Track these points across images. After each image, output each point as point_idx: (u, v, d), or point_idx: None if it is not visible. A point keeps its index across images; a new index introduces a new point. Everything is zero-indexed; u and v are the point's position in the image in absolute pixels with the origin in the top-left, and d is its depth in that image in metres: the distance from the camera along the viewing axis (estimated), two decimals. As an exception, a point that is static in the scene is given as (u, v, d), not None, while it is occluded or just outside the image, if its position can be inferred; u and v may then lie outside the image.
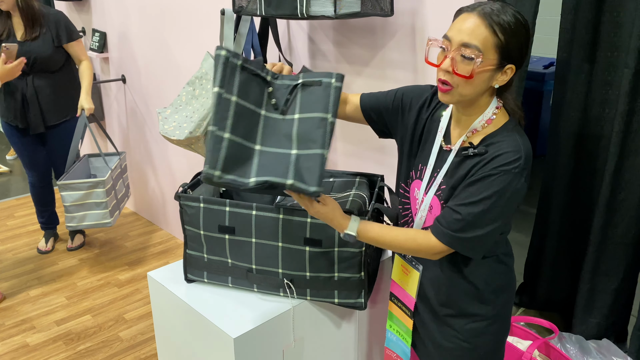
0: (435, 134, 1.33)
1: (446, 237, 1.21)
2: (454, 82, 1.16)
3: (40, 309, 2.83)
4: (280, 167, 1.16)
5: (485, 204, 1.16)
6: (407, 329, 1.45)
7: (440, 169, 1.29)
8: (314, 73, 1.22)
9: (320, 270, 1.46)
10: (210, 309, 1.48)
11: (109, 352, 2.51)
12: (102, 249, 3.46)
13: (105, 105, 3.92)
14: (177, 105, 2.32)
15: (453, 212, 1.20)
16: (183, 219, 1.55)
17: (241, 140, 1.17)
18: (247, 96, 1.18)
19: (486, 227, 1.18)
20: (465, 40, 1.13)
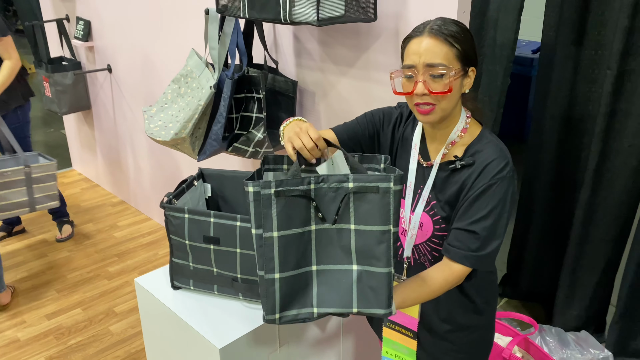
0: (409, 151, 1.35)
1: (469, 259, 1.21)
2: (434, 100, 1.19)
3: (30, 302, 2.86)
4: (341, 290, 1.12)
5: (494, 215, 1.19)
6: (411, 351, 1.44)
7: (424, 185, 1.30)
8: (364, 174, 1.09)
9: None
10: (196, 318, 1.51)
11: (100, 346, 2.55)
12: (92, 240, 3.47)
13: (91, 94, 3.89)
14: (162, 104, 2.32)
15: (468, 233, 1.20)
16: (168, 229, 1.56)
17: (294, 272, 1.11)
18: (291, 222, 1.09)
19: (498, 237, 1.21)
20: (429, 61, 1.16)
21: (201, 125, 2.16)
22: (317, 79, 2.22)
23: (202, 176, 1.76)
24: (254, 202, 1.07)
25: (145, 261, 3.24)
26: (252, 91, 2.17)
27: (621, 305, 2.30)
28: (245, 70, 2.16)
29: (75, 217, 3.76)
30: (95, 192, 4.14)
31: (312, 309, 1.13)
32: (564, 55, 2.26)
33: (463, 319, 1.36)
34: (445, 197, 1.26)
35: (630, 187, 2.18)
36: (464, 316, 1.36)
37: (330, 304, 1.13)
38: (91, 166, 4.29)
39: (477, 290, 1.34)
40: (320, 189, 1.09)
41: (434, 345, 1.41)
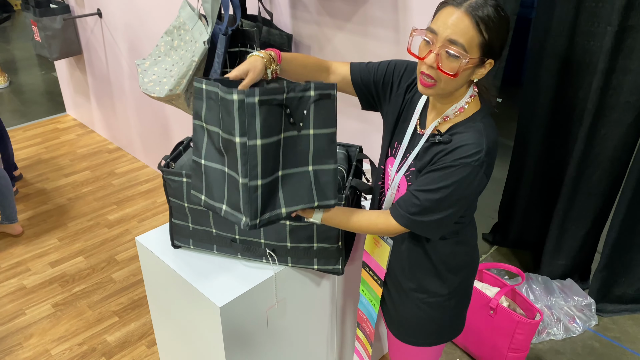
0: (412, 114, 1.36)
1: (403, 219, 1.27)
2: (437, 77, 1.18)
3: (33, 250, 2.93)
4: (303, 189, 1.23)
5: (442, 193, 1.21)
6: (377, 296, 1.55)
7: (412, 151, 1.33)
8: (319, 82, 1.19)
9: (301, 241, 1.54)
10: (197, 277, 1.57)
11: (104, 293, 2.64)
12: (90, 188, 3.51)
13: (82, 39, 3.80)
14: (155, 57, 2.29)
15: (412, 197, 1.25)
16: (167, 191, 1.59)
17: (271, 178, 1.18)
18: (271, 130, 1.14)
19: (442, 212, 1.24)
20: (451, 37, 1.13)
21: (196, 81, 2.14)
22: (313, 33, 2.18)
23: None
24: (238, 111, 1.10)
25: (144, 209, 3.30)
26: (246, 45, 2.14)
27: (605, 256, 2.38)
28: (239, 23, 2.12)
29: (72, 164, 3.78)
30: (91, 139, 4.14)
31: (280, 210, 1.22)
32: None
33: (423, 281, 1.42)
34: (418, 166, 1.29)
35: (623, 143, 2.20)
36: (424, 279, 1.42)
37: (295, 203, 1.23)
38: (85, 112, 4.26)
39: (442, 258, 1.39)
40: (290, 97, 1.16)
41: (399, 297, 1.48)
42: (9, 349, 2.33)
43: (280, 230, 1.53)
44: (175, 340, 1.84)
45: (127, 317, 2.50)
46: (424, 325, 1.47)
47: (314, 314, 1.80)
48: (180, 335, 1.78)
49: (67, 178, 3.62)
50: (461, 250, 1.41)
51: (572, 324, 2.38)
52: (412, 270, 1.42)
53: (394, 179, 1.38)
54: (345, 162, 1.64)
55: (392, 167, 1.39)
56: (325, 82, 1.22)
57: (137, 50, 3.30)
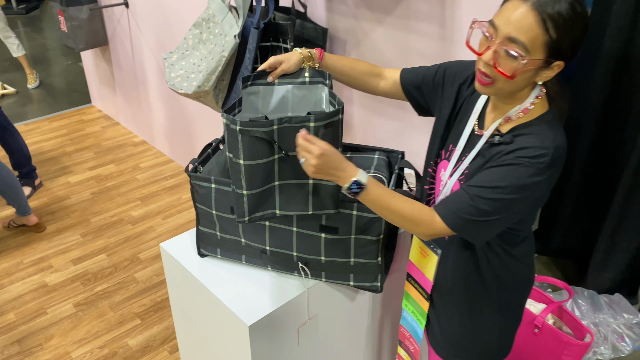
0: (470, 115, 1.25)
1: (450, 217, 1.12)
2: (494, 76, 1.07)
3: (56, 247, 2.87)
4: (300, 198, 1.27)
5: (498, 192, 1.07)
6: (423, 311, 1.43)
7: (469, 154, 1.21)
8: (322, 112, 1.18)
9: (336, 255, 1.42)
10: (225, 290, 1.46)
11: (126, 294, 2.56)
12: (114, 182, 3.44)
13: (108, 30, 3.73)
14: (183, 50, 2.18)
15: (463, 193, 1.11)
16: (194, 197, 1.49)
17: (259, 190, 1.24)
18: (256, 155, 1.19)
19: (494, 214, 1.09)
20: (512, 34, 1.01)
21: (225, 77, 2.03)
22: (350, 27, 2.05)
23: None
24: (226, 131, 1.19)
25: (169, 206, 3.22)
26: (278, 40, 2.01)
27: (660, 271, 2.21)
28: (272, 16, 2.00)
29: (97, 157, 3.72)
30: (116, 131, 4.08)
31: (274, 210, 1.29)
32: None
33: (470, 297, 1.29)
34: (473, 169, 1.18)
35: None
36: (471, 294, 1.29)
37: (290, 208, 1.29)
38: (111, 103, 4.20)
39: (493, 272, 1.26)
40: (283, 128, 1.18)
41: (445, 314, 1.36)
42: (29, 350, 2.26)
43: (314, 243, 1.41)
44: (199, 351, 1.74)
45: (150, 319, 2.42)
46: (470, 345, 1.36)
47: (348, 331, 1.68)
48: (204, 346, 1.68)
49: (91, 171, 3.56)
50: (516, 267, 1.28)
51: (621, 343, 2.22)
52: (461, 285, 1.30)
53: (446, 183, 1.26)
54: (385, 169, 1.51)
55: (445, 171, 1.28)
56: (328, 112, 1.18)
57: (163, 42, 3.20)
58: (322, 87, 1.37)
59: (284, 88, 1.38)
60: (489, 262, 1.25)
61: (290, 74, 1.36)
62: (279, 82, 1.36)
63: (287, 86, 1.37)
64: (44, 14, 7.02)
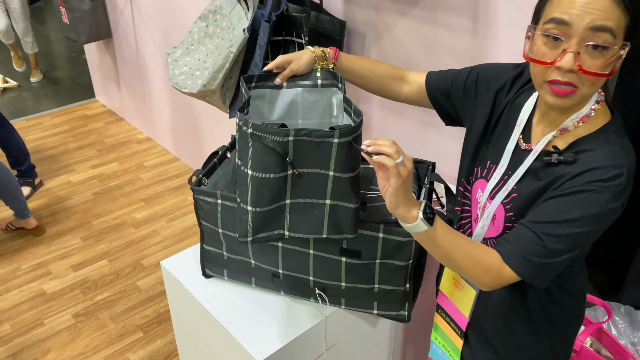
0: (513, 127, 1.06)
1: (525, 265, 0.93)
2: (579, 82, 0.88)
3: (55, 251, 2.73)
4: (313, 220, 1.10)
5: (569, 227, 0.90)
6: (456, 348, 1.26)
7: (514, 172, 1.03)
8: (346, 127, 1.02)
9: (358, 281, 1.26)
10: (232, 319, 1.30)
11: (128, 303, 2.42)
12: (117, 182, 3.29)
13: (111, 21, 3.56)
14: (188, 45, 2.01)
15: (528, 232, 0.94)
16: (198, 214, 1.32)
17: (268, 208, 1.08)
18: (266, 168, 1.03)
19: (564, 254, 0.92)
20: (597, 23, 0.83)
21: (233, 75, 1.86)
22: (370, 19, 1.87)
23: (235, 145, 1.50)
24: (238, 133, 1.05)
25: (174, 207, 3.06)
26: (291, 34, 1.84)
27: None
28: (285, 8, 1.82)
29: (100, 155, 3.57)
30: (120, 127, 3.92)
31: (283, 231, 1.12)
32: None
33: (515, 334, 1.12)
34: (526, 193, 0.99)
35: None
36: (518, 334, 1.12)
37: (301, 231, 1.12)
38: (115, 98, 4.04)
39: (542, 308, 1.09)
40: (301, 141, 1.01)
41: (482, 353, 1.19)
42: (24, 366, 2.13)
43: (333, 268, 1.25)
44: (205, 379, 1.58)
45: (153, 332, 2.27)
46: None
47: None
48: (210, 375, 1.53)
49: (93, 170, 3.41)
50: (568, 301, 1.11)
51: (662, 365, 2.04)
52: (503, 323, 1.13)
53: (485, 206, 1.08)
54: (414, 183, 1.33)
55: (482, 192, 1.10)
56: (351, 125, 1.02)
57: (169, 35, 3.03)
58: (335, 90, 1.21)
59: (293, 91, 1.22)
60: (539, 299, 1.08)
61: (299, 75, 1.20)
62: (287, 84, 1.20)
63: (296, 89, 1.21)
64: (49, 5, 6.86)
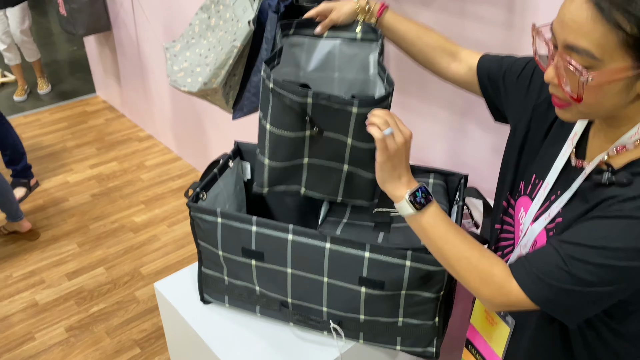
0: (563, 138, 0.89)
1: (532, 281, 0.79)
2: (565, 99, 0.76)
3: (50, 257, 2.57)
4: (330, 182, 1.08)
5: (605, 257, 0.73)
6: None
7: (563, 192, 0.86)
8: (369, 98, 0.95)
9: (380, 314, 1.08)
10: (232, 352, 1.13)
11: (125, 315, 2.26)
12: (116, 182, 3.13)
13: (111, 13, 3.39)
14: (188, 38, 1.84)
15: (552, 251, 0.78)
16: (195, 233, 1.15)
17: (284, 164, 1.06)
18: (283, 125, 1.00)
19: (595, 287, 0.75)
20: (569, 40, 0.71)
21: (237, 72, 1.68)
22: (388, 10, 1.68)
23: (240, 152, 1.33)
24: (262, 85, 1.02)
25: (175, 211, 2.90)
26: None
27: None
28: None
29: (99, 153, 3.41)
30: (120, 124, 3.76)
31: (300, 187, 1.11)
32: None
33: None
34: (571, 217, 0.83)
35: None
36: None
37: (317, 190, 1.10)
38: (115, 93, 3.88)
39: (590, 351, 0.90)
40: (319, 105, 0.97)
41: None
42: (12, 385, 1.98)
43: (351, 298, 1.07)
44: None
45: (150, 348, 2.11)
46: None
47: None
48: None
49: (92, 170, 3.25)
50: (622, 348, 0.92)
51: None
52: None
53: (527, 229, 0.91)
54: (444, 198, 1.16)
55: (526, 212, 0.93)
56: (374, 97, 0.95)
57: (171, 27, 2.86)
58: (375, 46, 1.10)
59: (331, 42, 1.14)
60: (584, 342, 0.90)
61: (340, 25, 1.12)
62: (327, 34, 1.13)
63: (334, 40, 1.14)
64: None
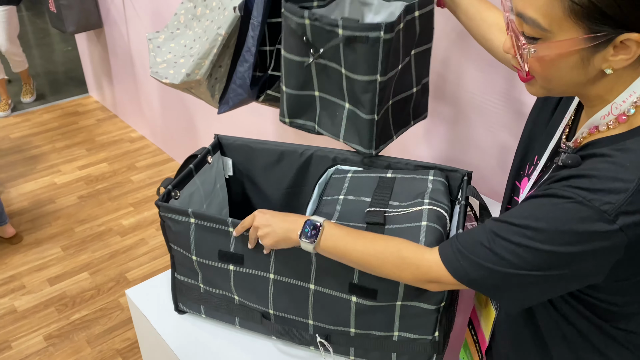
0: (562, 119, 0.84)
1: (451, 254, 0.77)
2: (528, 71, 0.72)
3: (32, 262, 2.45)
4: (335, 121, 1.13)
5: (525, 237, 0.68)
6: None
7: (545, 175, 0.82)
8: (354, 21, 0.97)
9: (372, 327, 0.96)
10: (209, 370, 1.01)
11: (108, 324, 2.14)
12: (105, 184, 3.02)
13: (102, 10, 3.29)
14: (173, 29, 1.72)
15: (480, 228, 0.75)
16: (166, 235, 1.04)
17: (298, 92, 1.12)
18: (290, 48, 1.07)
19: (518, 269, 0.70)
20: (519, 8, 0.67)
21: (223, 63, 1.57)
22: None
23: (220, 147, 1.21)
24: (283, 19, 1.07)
25: (165, 213, 2.78)
26: (293, 14, 1.55)
27: None
28: (285, -17, 1.53)
29: (88, 154, 3.30)
30: (112, 125, 3.65)
31: (314, 124, 1.17)
32: None
33: None
34: None
35: None
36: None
37: (324, 128, 1.15)
38: (107, 93, 3.77)
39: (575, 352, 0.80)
40: (315, 26, 1.01)
41: None
42: (-16, 398, 1.86)
43: (340, 309, 0.95)
44: None
45: (134, 359, 1.99)
46: None
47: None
48: None
49: (80, 171, 3.14)
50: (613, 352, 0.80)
51: None
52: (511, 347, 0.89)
53: None
54: (445, 198, 1.04)
55: (523, 193, 0.88)
56: (364, 23, 0.97)
57: (163, 24, 2.75)
58: None
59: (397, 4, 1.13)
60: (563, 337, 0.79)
61: None
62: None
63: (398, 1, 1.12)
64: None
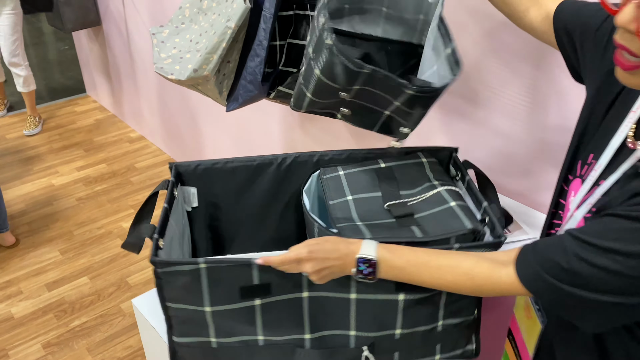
0: (625, 111, 0.74)
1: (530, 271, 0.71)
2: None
3: (29, 266, 2.37)
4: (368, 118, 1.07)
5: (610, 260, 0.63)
6: None
7: (612, 175, 0.72)
8: None
9: (419, 322, 0.91)
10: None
11: (109, 331, 2.06)
12: (105, 186, 2.94)
13: (100, 7, 3.21)
14: (177, 23, 1.65)
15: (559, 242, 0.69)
16: (163, 295, 0.91)
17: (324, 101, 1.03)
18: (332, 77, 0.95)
19: (598, 294, 0.65)
20: None
21: (231, 58, 1.49)
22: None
23: (180, 177, 1.12)
24: (318, 32, 0.95)
25: (167, 216, 2.70)
26: (305, 6, 1.48)
27: None
28: (297, -26, 1.47)
29: (87, 155, 3.22)
30: (111, 125, 3.57)
31: (337, 114, 1.08)
32: None
33: None
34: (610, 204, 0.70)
35: None
36: None
37: (354, 122, 1.09)
38: (106, 93, 3.69)
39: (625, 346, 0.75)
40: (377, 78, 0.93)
41: None
42: (-20, 410, 1.78)
43: (386, 312, 0.89)
44: None
45: (136, 368, 1.92)
46: None
47: None
48: None
49: (79, 172, 3.06)
50: None
51: None
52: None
53: (572, 216, 0.78)
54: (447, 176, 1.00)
55: (574, 196, 0.79)
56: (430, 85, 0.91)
57: (163, 21, 2.67)
58: None
59: None
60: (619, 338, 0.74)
61: None
62: None
63: None
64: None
